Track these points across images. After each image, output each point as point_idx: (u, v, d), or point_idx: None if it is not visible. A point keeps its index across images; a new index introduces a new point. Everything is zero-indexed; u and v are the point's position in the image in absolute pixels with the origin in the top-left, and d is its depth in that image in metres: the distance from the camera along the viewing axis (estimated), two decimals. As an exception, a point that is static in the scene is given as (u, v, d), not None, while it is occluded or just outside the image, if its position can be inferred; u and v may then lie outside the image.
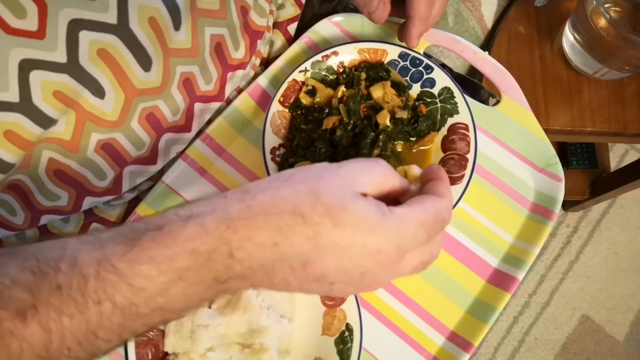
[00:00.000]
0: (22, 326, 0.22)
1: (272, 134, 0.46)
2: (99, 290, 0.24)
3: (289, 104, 0.47)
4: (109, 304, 0.24)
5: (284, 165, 0.45)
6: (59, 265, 0.24)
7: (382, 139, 0.43)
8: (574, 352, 1.16)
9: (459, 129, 0.45)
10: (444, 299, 0.44)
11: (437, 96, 0.46)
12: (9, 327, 0.22)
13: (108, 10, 0.35)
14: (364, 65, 0.47)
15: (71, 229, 0.45)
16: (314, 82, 0.47)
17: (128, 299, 0.24)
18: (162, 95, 0.42)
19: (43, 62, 0.33)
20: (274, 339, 0.39)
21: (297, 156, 0.45)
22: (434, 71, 0.46)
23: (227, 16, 0.45)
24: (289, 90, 0.47)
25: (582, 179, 1.14)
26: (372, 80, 0.47)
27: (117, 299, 0.24)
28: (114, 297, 0.24)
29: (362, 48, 0.47)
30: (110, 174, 0.42)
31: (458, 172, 0.43)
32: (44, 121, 0.35)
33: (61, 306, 0.23)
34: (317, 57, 0.47)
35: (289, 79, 0.47)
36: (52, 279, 0.23)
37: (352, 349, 0.40)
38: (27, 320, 0.23)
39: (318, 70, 0.47)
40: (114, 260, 0.24)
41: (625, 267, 1.22)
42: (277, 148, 0.46)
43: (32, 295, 0.23)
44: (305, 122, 0.46)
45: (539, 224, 0.46)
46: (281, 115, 0.47)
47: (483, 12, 0.68)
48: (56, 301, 0.23)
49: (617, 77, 0.71)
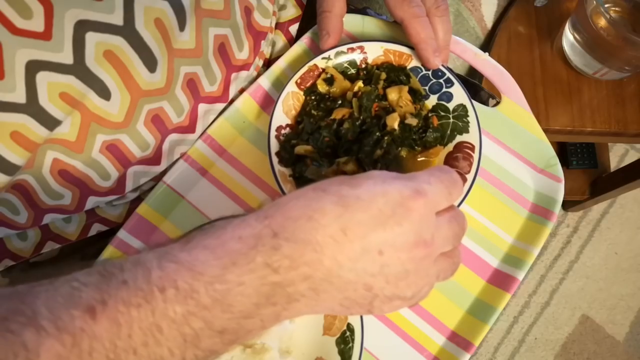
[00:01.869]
0: (92, 322, 0.23)
1: (282, 112, 0.46)
2: (163, 277, 0.25)
3: (305, 88, 0.47)
4: (173, 290, 0.25)
5: (285, 145, 0.45)
6: (123, 265, 0.26)
7: (387, 140, 0.43)
8: (574, 352, 1.16)
9: (465, 147, 0.44)
10: (445, 299, 0.45)
11: (452, 111, 0.46)
12: (80, 325, 0.23)
13: (114, 11, 0.35)
14: (385, 65, 0.47)
15: (72, 229, 0.45)
16: (334, 72, 0.47)
17: (189, 284, 0.25)
18: (166, 96, 0.42)
19: (49, 63, 0.33)
20: (275, 339, 0.39)
21: (301, 139, 0.45)
22: (454, 86, 0.45)
23: (231, 16, 0.45)
24: (307, 74, 0.47)
25: (582, 179, 1.14)
26: (391, 82, 0.47)
27: (180, 284, 0.25)
28: (177, 283, 0.25)
29: (389, 49, 0.47)
30: (115, 175, 0.42)
31: None
32: (50, 122, 0.36)
33: (129, 298, 0.24)
34: (342, 49, 0.47)
35: (310, 63, 0.46)
36: (118, 276, 0.25)
37: (353, 349, 0.40)
38: (96, 316, 0.23)
39: (341, 61, 0.47)
40: (174, 252, 0.26)
41: (625, 267, 1.22)
42: (284, 127, 0.46)
43: (100, 292, 0.24)
44: (316, 109, 0.47)
45: (538, 225, 0.46)
46: (294, 97, 0.47)
47: (483, 12, 0.68)
48: (124, 294, 0.24)
49: (617, 77, 0.71)
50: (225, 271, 0.26)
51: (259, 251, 0.26)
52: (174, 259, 0.26)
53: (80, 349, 0.23)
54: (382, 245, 0.27)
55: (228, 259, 0.26)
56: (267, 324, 0.28)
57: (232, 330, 0.27)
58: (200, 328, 0.25)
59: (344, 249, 0.27)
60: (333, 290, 0.28)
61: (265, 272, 0.26)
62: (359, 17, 0.51)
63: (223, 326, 0.26)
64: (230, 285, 0.26)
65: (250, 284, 0.26)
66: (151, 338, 0.24)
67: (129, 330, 0.24)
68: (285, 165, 0.45)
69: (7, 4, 0.31)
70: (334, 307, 0.29)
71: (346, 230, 0.27)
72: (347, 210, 0.27)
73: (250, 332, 0.27)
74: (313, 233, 0.27)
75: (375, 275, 0.28)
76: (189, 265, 0.26)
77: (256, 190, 0.47)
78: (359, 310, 0.30)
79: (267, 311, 0.27)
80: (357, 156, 0.44)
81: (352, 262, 0.27)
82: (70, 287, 0.24)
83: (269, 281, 0.26)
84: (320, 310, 0.29)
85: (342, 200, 0.27)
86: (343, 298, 0.28)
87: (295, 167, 0.45)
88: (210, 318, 0.25)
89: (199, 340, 0.26)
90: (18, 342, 0.22)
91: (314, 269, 0.27)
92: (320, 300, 0.28)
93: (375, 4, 0.62)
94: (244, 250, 0.26)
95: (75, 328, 0.23)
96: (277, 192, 0.46)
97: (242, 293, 0.26)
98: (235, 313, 0.26)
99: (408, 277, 0.29)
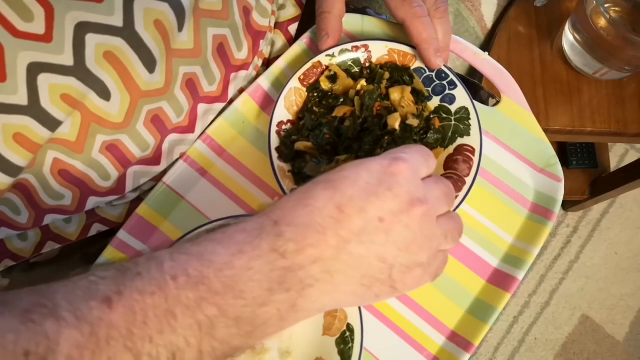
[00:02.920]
0: (109, 311, 0.24)
1: (284, 108, 0.46)
2: (174, 267, 0.26)
3: (308, 84, 0.47)
4: (184, 277, 0.26)
5: (286, 141, 0.45)
6: (137, 261, 0.27)
7: (387, 140, 0.43)
8: (574, 352, 1.16)
9: (466, 150, 0.44)
10: (444, 299, 0.45)
11: (454, 114, 0.46)
12: (98, 315, 0.24)
13: (114, 13, 0.35)
14: (389, 65, 0.47)
15: (72, 229, 0.45)
16: (337, 69, 0.47)
17: (199, 271, 0.26)
18: (166, 96, 0.42)
19: (50, 65, 0.34)
20: (275, 340, 0.39)
21: (302, 136, 0.45)
22: (457, 88, 0.45)
23: (230, 17, 0.45)
24: (310, 71, 0.47)
25: (582, 179, 1.14)
26: (394, 81, 0.47)
27: (190, 272, 0.26)
28: (188, 271, 0.26)
29: (393, 49, 0.47)
30: (115, 175, 0.42)
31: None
32: (51, 124, 0.36)
33: (143, 287, 0.25)
34: (347, 46, 0.47)
35: (314, 60, 0.47)
36: (133, 270, 0.26)
37: (353, 349, 0.40)
38: (113, 305, 0.25)
39: (344, 59, 0.47)
40: (185, 246, 0.28)
41: (625, 267, 1.22)
42: (285, 123, 0.46)
43: (117, 284, 0.25)
44: (318, 106, 0.47)
45: (538, 224, 0.46)
46: (297, 93, 0.47)
47: (483, 12, 0.68)
48: (138, 284, 0.26)
49: (617, 77, 0.71)
50: (233, 258, 0.27)
51: (263, 239, 0.28)
52: (185, 251, 0.28)
53: (98, 337, 0.24)
54: (380, 213, 0.28)
55: (235, 247, 0.27)
56: (284, 314, 0.28)
57: (247, 320, 0.27)
58: (215, 316, 0.26)
59: (345, 224, 0.28)
60: (348, 269, 0.28)
61: (273, 257, 0.27)
62: (359, 16, 0.51)
63: (237, 314, 0.26)
64: (239, 271, 0.27)
65: (259, 269, 0.27)
66: (167, 325, 0.25)
67: (144, 318, 0.25)
68: (285, 160, 0.45)
69: (9, 7, 0.31)
70: (356, 289, 0.29)
71: (342, 207, 0.28)
72: (337, 190, 0.29)
73: (267, 322, 0.28)
74: (311, 216, 0.28)
75: (384, 244, 0.29)
76: (199, 256, 0.27)
77: (256, 191, 0.47)
78: (383, 289, 0.30)
79: (282, 298, 0.27)
80: (356, 154, 0.44)
81: (357, 235, 0.28)
82: (88, 281, 0.26)
83: (278, 266, 0.27)
84: (342, 296, 0.29)
85: (330, 183, 0.29)
86: (361, 276, 0.29)
87: (294, 163, 0.45)
88: (223, 305, 0.26)
89: (214, 329, 0.26)
90: (40, 332, 0.23)
91: (321, 250, 0.28)
92: (338, 283, 0.28)
93: (375, 4, 0.62)
94: (249, 240, 0.28)
95: (93, 318, 0.24)
96: (277, 192, 0.46)
97: (252, 278, 0.27)
98: (248, 300, 0.27)
99: (417, 239, 0.29)
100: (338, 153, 0.44)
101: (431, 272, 0.32)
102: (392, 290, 0.30)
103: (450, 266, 0.45)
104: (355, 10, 0.54)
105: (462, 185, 0.43)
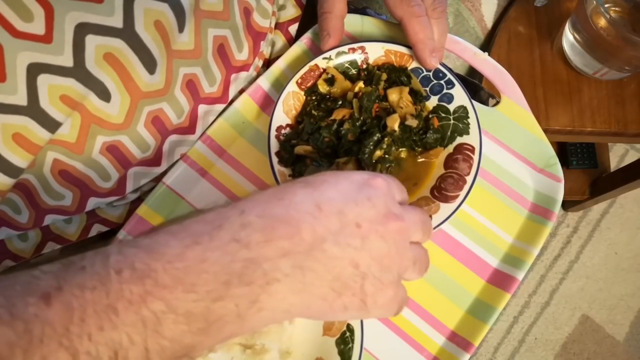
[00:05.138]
0: (46, 308, 0.23)
1: (282, 112, 0.46)
2: (120, 261, 0.24)
3: (306, 88, 0.47)
4: (129, 271, 0.24)
5: (285, 145, 0.45)
6: (85, 254, 0.25)
7: (387, 142, 0.43)
8: (574, 352, 1.16)
9: (465, 149, 0.44)
10: (444, 299, 0.45)
11: (452, 113, 0.46)
12: (34, 311, 0.23)
13: (114, 14, 0.35)
14: (387, 66, 0.47)
15: (73, 229, 0.45)
16: (335, 72, 0.47)
17: (146, 264, 0.24)
18: (166, 97, 0.42)
19: (50, 66, 0.34)
20: (275, 340, 0.39)
21: (301, 140, 0.45)
22: (455, 87, 0.46)
23: (230, 17, 0.45)
24: (308, 74, 0.47)
25: (582, 179, 1.14)
26: (392, 82, 0.47)
27: (137, 265, 0.24)
28: (134, 265, 0.24)
29: (390, 49, 0.47)
30: (115, 176, 0.42)
31: (453, 192, 0.43)
32: (50, 124, 0.36)
33: (84, 282, 0.24)
34: (344, 49, 0.47)
35: (311, 63, 0.46)
36: (77, 264, 0.24)
37: (353, 349, 0.40)
38: (51, 301, 0.23)
39: (341, 62, 0.47)
40: (137, 240, 0.26)
41: (625, 267, 1.22)
42: (284, 127, 0.46)
43: (57, 279, 0.24)
44: (316, 109, 0.47)
45: (538, 224, 0.46)
46: (295, 97, 0.47)
47: (483, 12, 0.68)
48: (79, 279, 0.24)
49: (617, 77, 0.71)
50: (186, 249, 0.25)
51: (224, 229, 0.26)
52: (135, 244, 0.25)
53: (32, 335, 0.22)
54: (358, 218, 0.28)
55: (190, 239, 0.25)
56: (243, 310, 0.25)
57: (200, 316, 0.24)
58: (161, 311, 0.24)
59: (322, 221, 0.27)
60: (320, 268, 0.27)
61: (233, 247, 0.25)
62: (358, 17, 0.51)
63: (188, 309, 0.24)
64: (191, 263, 0.25)
65: (215, 261, 0.25)
66: (107, 322, 0.23)
67: (83, 314, 0.23)
68: (285, 165, 0.45)
69: (8, 7, 0.31)
70: (326, 294, 0.27)
71: (321, 205, 0.28)
72: (316, 189, 0.28)
73: (222, 319, 0.25)
74: (287, 209, 0.27)
75: (359, 250, 0.28)
76: (149, 248, 0.25)
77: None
78: (353, 301, 0.28)
79: (240, 291, 0.25)
80: (357, 157, 0.44)
81: (334, 234, 0.27)
82: (30, 276, 0.24)
83: (240, 257, 0.25)
84: (311, 299, 0.27)
85: (309, 183, 0.29)
86: (333, 279, 0.27)
87: (295, 167, 0.45)
88: (171, 299, 0.24)
89: (161, 326, 0.24)
90: None
91: (293, 243, 0.26)
92: (308, 283, 0.26)
93: (375, 4, 0.62)
94: (208, 230, 0.26)
95: (28, 314, 0.22)
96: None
97: (207, 270, 0.25)
98: (200, 294, 0.24)
99: (390, 252, 0.29)
100: (338, 156, 0.44)
101: (398, 301, 0.30)
102: (361, 305, 0.28)
103: (451, 266, 0.45)
104: (355, 11, 0.54)
105: (463, 184, 0.43)
